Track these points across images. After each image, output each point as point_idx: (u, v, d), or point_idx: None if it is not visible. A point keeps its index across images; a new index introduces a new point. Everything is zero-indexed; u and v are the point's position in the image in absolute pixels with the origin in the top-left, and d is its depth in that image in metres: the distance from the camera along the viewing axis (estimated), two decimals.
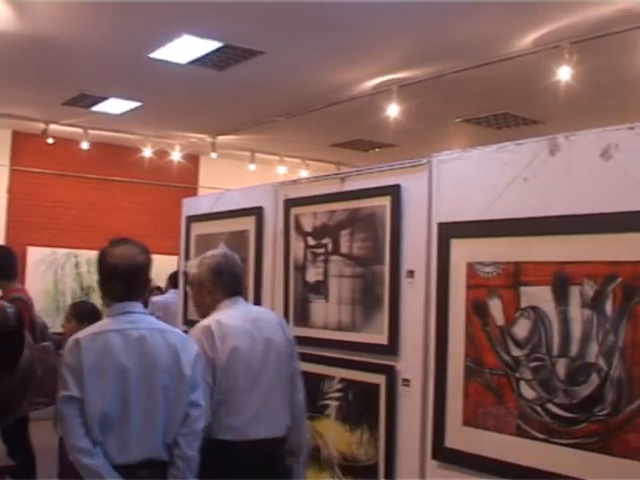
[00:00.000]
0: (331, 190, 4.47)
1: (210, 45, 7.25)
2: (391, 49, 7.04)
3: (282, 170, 12.34)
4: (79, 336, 3.41)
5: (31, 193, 11.82)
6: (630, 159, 2.99)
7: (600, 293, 3.06)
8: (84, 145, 11.29)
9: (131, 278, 3.53)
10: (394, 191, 4.00)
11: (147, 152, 11.72)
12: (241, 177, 10.91)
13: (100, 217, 12.00)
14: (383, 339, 4.02)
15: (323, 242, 4.46)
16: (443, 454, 3.65)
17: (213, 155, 11.69)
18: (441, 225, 3.73)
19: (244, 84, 8.43)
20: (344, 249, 4.31)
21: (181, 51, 7.49)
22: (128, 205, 12.46)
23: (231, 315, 3.90)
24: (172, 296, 7.76)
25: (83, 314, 5.40)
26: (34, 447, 6.22)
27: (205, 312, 4.00)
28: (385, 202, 4.04)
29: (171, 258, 9.63)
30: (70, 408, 3.30)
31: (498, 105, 8.81)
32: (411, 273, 3.91)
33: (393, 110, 8.12)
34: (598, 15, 5.73)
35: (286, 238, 4.78)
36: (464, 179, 3.67)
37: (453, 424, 3.60)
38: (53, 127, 11.12)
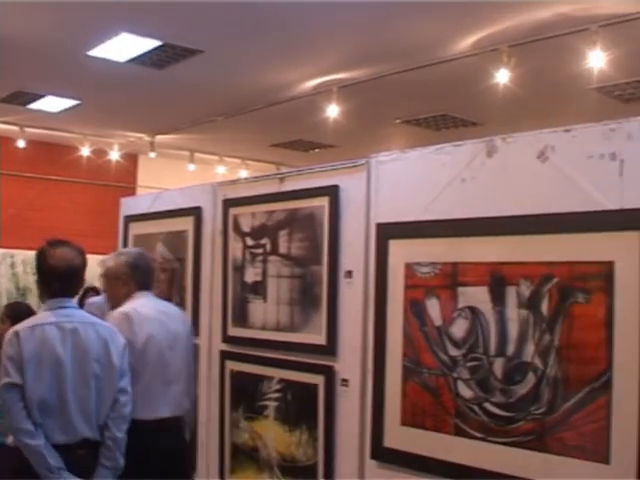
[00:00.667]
0: (270, 190, 4.42)
1: (149, 43, 7.14)
2: (331, 50, 7.01)
3: (222, 170, 12.24)
4: (18, 328, 3.72)
5: None
6: (566, 161, 3.00)
7: (536, 293, 3.06)
8: (20, 143, 11.04)
9: (69, 278, 3.91)
10: (332, 192, 3.96)
11: (85, 151, 11.52)
12: (180, 177, 10.78)
13: (37, 217, 11.73)
14: (321, 339, 3.98)
15: (261, 242, 4.40)
16: (382, 454, 3.62)
17: (152, 154, 11.54)
18: (379, 226, 3.70)
19: (183, 83, 8.33)
20: (282, 249, 4.25)
21: (120, 49, 7.37)
22: (66, 204, 12.21)
23: (145, 305, 4.38)
24: None
25: (18, 315, 5.27)
26: None
27: (117, 303, 4.44)
28: (324, 202, 4.00)
29: None
30: (12, 394, 3.58)
31: (437, 107, 8.85)
32: (349, 273, 3.88)
33: (333, 111, 8.10)
34: (536, 19, 5.77)
35: (224, 238, 4.71)
36: (402, 180, 3.64)
37: (391, 424, 3.57)
38: None
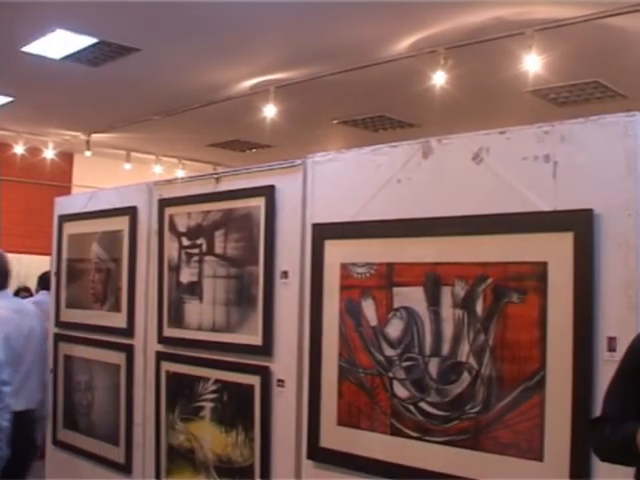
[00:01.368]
0: (206, 190, 4.35)
1: (85, 41, 6.99)
2: (268, 50, 6.95)
3: (158, 169, 12.09)
4: None
5: None
6: (500, 163, 3.00)
7: (471, 293, 3.05)
8: None
9: None
10: (268, 192, 3.91)
11: (19, 149, 11.26)
12: (116, 176, 10.61)
13: None
14: (257, 340, 3.92)
15: (197, 242, 4.33)
16: (318, 454, 3.58)
17: (87, 153, 11.33)
18: (315, 226, 3.66)
19: (120, 81, 8.18)
20: (218, 249, 4.18)
21: (55, 46, 7.20)
22: None
23: (2, 306, 4.67)
24: (42, 298, 7.37)
25: None
26: None
27: None
28: (260, 203, 3.95)
29: (43, 258, 9.22)
30: None
31: (375, 107, 8.84)
32: (285, 274, 3.83)
33: (270, 111, 8.04)
34: (473, 22, 5.79)
35: (160, 238, 4.62)
36: (339, 180, 3.61)
37: (328, 424, 3.54)
38: None
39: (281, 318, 3.84)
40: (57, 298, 5.58)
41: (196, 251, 4.34)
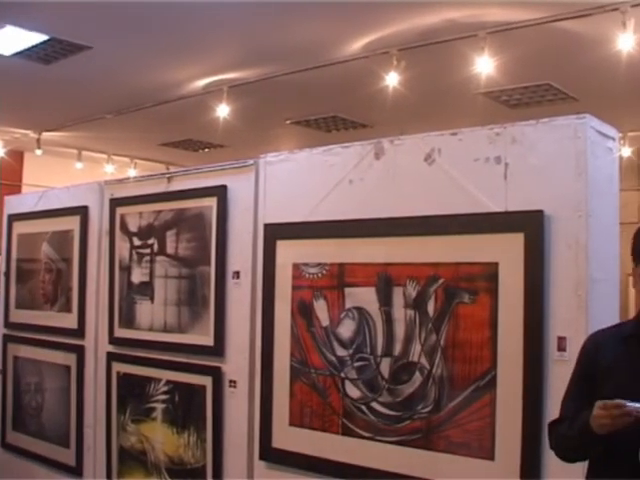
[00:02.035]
0: (158, 190, 4.28)
1: (35, 37, 6.84)
2: (222, 49, 6.87)
3: (110, 169, 11.91)
4: None
5: None
6: (452, 164, 2.98)
7: (422, 294, 3.03)
8: None
9: None
10: (221, 192, 3.85)
11: None
12: (68, 175, 10.41)
13: None
14: (209, 340, 3.86)
15: (149, 242, 4.25)
16: (271, 454, 3.54)
17: (38, 152, 11.11)
18: (267, 226, 3.62)
19: (71, 79, 8.02)
20: (170, 250, 4.11)
21: (5, 42, 7.03)
22: None
23: None
24: None
25: None
26: None
27: None
28: (212, 203, 3.88)
29: None
30: None
31: (327, 108, 8.80)
32: (237, 274, 3.78)
33: (223, 110, 7.95)
34: (426, 24, 5.76)
35: (111, 238, 4.53)
36: (291, 181, 3.57)
37: (280, 424, 3.50)
38: None
39: (233, 318, 3.79)
40: (6, 299, 5.45)
41: (147, 251, 4.26)
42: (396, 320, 3.10)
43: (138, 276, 4.32)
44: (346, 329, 3.27)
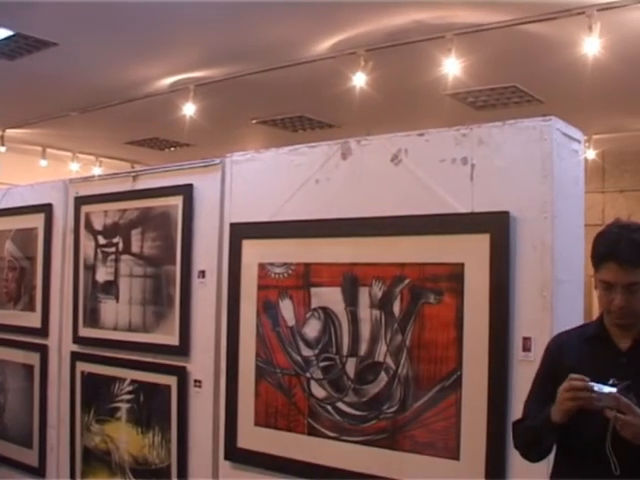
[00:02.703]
0: (123, 188, 4.21)
1: (0, 33, 6.74)
2: (188, 48, 6.80)
3: (75, 167, 11.77)
4: None
5: None
6: (419, 164, 2.96)
7: (388, 294, 3.01)
8: None
9: None
10: (186, 191, 3.80)
11: None
12: (32, 173, 10.26)
13: None
14: (174, 340, 3.81)
15: (114, 241, 4.18)
16: (236, 454, 3.50)
17: (1, 149, 10.97)
18: (233, 225, 3.57)
19: (36, 76, 7.91)
20: (135, 248, 4.05)
21: None
22: None
23: None
24: None
25: None
26: None
27: None
28: (177, 202, 3.83)
29: None
30: None
31: (294, 108, 8.76)
32: (202, 273, 3.73)
33: (189, 109, 7.89)
34: (393, 24, 5.74)
35: (76, 236, 4.46)
36: (257, 180, 3.53)
37: (245, 424, 3.46)
38: None
39: (198, 318, 3.74)
40: None
41: (112, 250, 4.20)
42: (362, 320, 3.08)
43: (103, 275, 4.25)
44: (312, 329, 3.24)
